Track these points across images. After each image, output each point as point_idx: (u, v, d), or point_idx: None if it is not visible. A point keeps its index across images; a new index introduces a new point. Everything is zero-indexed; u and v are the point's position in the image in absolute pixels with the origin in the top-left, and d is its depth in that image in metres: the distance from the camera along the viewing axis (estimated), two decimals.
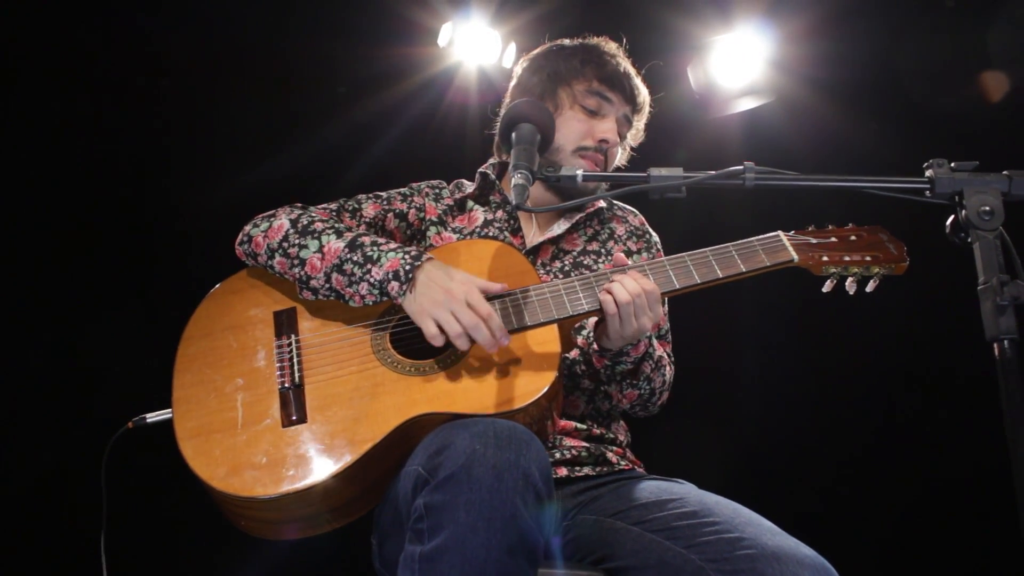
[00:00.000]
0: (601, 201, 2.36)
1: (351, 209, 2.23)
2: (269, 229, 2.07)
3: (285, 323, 2.04)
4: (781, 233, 2.03)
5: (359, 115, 4.20)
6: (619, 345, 1.99)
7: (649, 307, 1.90)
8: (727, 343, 4.30)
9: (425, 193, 2.33)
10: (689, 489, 1.97)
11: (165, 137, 4.03)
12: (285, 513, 1.85)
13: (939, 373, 4.02)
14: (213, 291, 2.15)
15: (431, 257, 1.94)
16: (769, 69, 4.19)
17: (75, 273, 3.86)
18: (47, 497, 3.68)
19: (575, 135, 2.24)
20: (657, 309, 1.93)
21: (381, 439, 1.82)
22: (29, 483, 3.66)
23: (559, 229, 2.28)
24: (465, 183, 2.40)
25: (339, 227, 2.03)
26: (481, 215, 2.30)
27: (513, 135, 1.85)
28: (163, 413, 2.00)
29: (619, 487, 2.04)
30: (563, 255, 2.27)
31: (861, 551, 4.05)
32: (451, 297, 1.85)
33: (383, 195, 2.29)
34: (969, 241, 1.52)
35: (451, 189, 2.38)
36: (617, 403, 2.20)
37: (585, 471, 2.08)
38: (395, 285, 1.90)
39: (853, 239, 2.03)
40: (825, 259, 1.98)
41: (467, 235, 2.25)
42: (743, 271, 1.96)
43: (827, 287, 2.00)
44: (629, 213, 2.45)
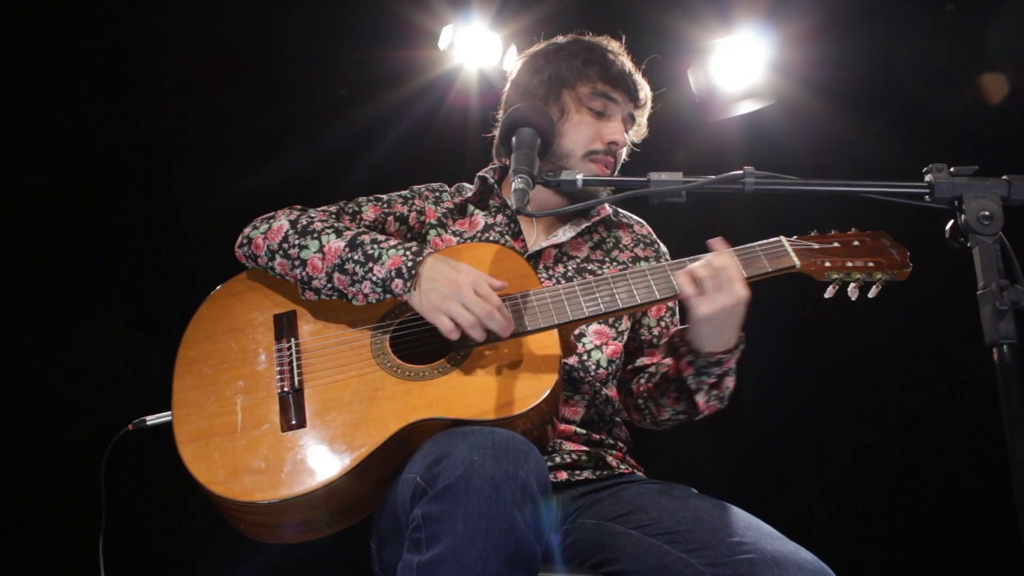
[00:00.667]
0: (607, 207, 2.34)
1: (351, 212, 2.22)
2: (269, 231, 2.07)
3: (285, 326, 2.04)
4: (783, 238, 2.01)
5: (360, 118, 4.20)
6: (710, 333, 1.93)
7: (730, 281, 1.88)
8: None
9: (425, 196, 2.31)
10: (689, 493, 1.96)
11: (166, 139, 4.03)
12: (284, 517, 1.84)
13: (939, 377, 4.01)
14: (213, 293, 2.14)
15: (432, 251, 1.93)
16: (769, 72, 4.19)
17: (76, 274, 3.86)
18: (47, 498, 3.69)
19: (584, 139, 2.21)
20: (735, 288, 1.88)
21: (380, 445, 1.81)
22: (29, 484, 3.66)
23: (564, 236, 2.25)
24: (466, 187, 2.38)
25: (338, 226, 2.03)
26: (482, 219, 2.28)
27: (513, 139, 1.84)
28: (163, 416, 2.00)
29: (619, 491, 2.03)
30: (567, 260, 2.25)
31: (861, 556, 4.05)
32: (459, 289, 1.85)
33: (383, 198, 2.28)
34: (968, 246, 1.51)
35: (452, 192, 2.36)
36: (671, 415, 2.14)
37: (585, 475, 2.08)
38: (399, 283, 1.90)
39: (856, 244, 2.01)
40: (827, 265, 1.97)
41: (468, 239, 2.24)
42: (744, 276, 1.94)
43: (829, 293, 1.99)
44: (635, 222, 2.41)
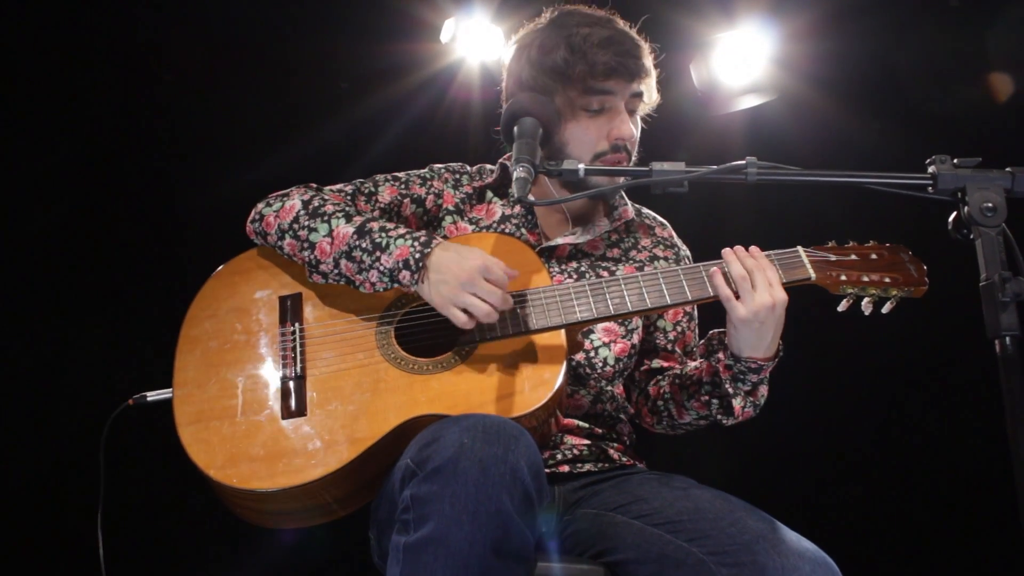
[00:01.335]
0: (630, 212, 2.27)
1: (367, 192, 2.17)
2: (281, 209, 2.04)
3: (290, 309, 2.01)
4: (800, 248, 1.97)
5: (361, 111, 4.19)
6: (749, 336, 1.92)
7: (767, 280, 1.88)
8: None
9: (445, 179, 2.24)
10: (690, 484, 1.96)
11: (167, 130, 4.03)
12: (280, 506, 1.85)
13: (941, 370, 4.01)
14: (219, 270, 2.11)
15: (440, 241, 1.91)
16: (772, 67, 4.17)
17: (82, 262, 3.88)
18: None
19: (588, 143, 2.10)
20: (775, 290, 1.88)
21: (380, 438, 1.81)
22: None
23: (582, 237, 2.19)
24: (487, 169, 2.30)
25: (349, 210, 2.00)
26: (499, 209, 2.23)
27: (515, 129, 1.84)
28: (164, 392, 1.99)
29: (620, 482, 2.04)
30: (581, 257, 2.21)
31: (863, 549, 4.04)
32: (470, 278, 1.83)
33: (401, 177, 2.22)
34: (971, 238, 1.51)
35: (473, 174, 2.28)
36: (717, 419, 2.12)
37: (587, 467, 2.08)
38: (406, 274, 1.88)
39: (874, 258, 1.98)
40: (843, 278, 1.94)
41: (483, 228, 2.19)
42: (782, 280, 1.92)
43: (843, 306, 1.97)
44: (657, 224, 2.36)
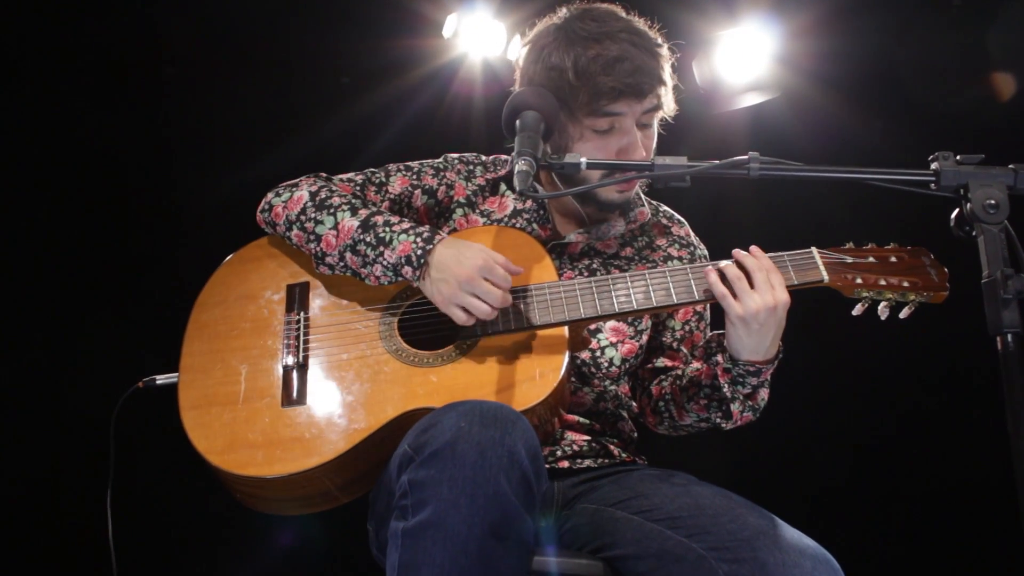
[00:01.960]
0: (647, 213, 2.23)
1: (377, 182, 2.15)
2: (290, 200, 2.05)
3: (297, 298, 2.03)
4: (815, 249, 1.93)
5: (363, 107, 4.19)
6: (747, 337, 1.89)
7: (769, 282, 1.84)
8: None
9: (458, 170, 2.21)
10: (690, 480, 1.96)
11: (168, 124, 4.03)
12: (278, 493, 1.86)
13: (943, 367, 4.01)
14: (231, 258, 2.13)
15: (443, 237, 1.91)
16: (774, 65, 4.17)
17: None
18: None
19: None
20: (776, 292, 1.84)
21: (376, 429, 1.82)
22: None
23: (595, 236, 2.16)
24: (502, 159, 2.27)
25: (355, 203, 2.00)
26: (511, 203, 2.20)
27: (517, 122, 1.83)
28: (172, 376, 2.01)
29: (619, 478, 2.03)
30: (594, 255, 2.18)
31: (865, 548, 4.04)
32: (470, 278, 1.83)
33: (414, 167, 2.20)
34: (974, 235, 1.51)
35: (488, 164, 2.25)
36: (695, 421, 2.12)
37: (586, 463, 2.08)
38: (408, 270, 1.89)
39: (893, 261, 1.92)
40: (859, 281, 1.89)
41: (495, 221, 2.18)
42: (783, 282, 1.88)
43: (857, 310, 1.91)
44: (674, 223, 2.31)
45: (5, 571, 3.69)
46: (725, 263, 1.91)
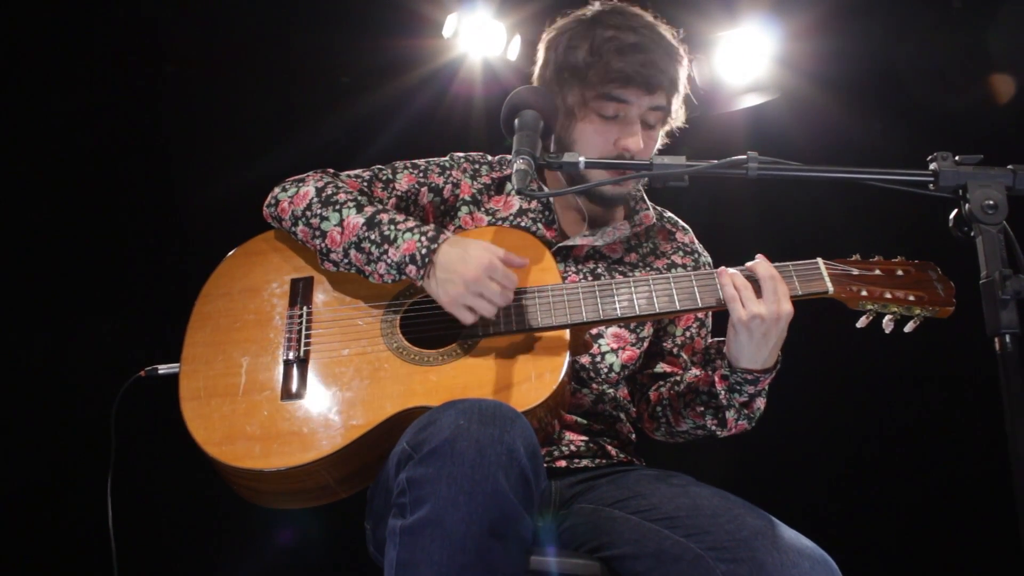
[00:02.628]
0: (652, 218, 2.24)
1: (384, 179, 2.15)
2: (296, 195, 2.05)
3: (300, 292, 2.04)
4: (820, 260, 1.92)
5: (363, 106, 4.19)
6: (747, 345, 1.89)
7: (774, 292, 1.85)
8: None
9: (464, 168, 2.22)
10: (688, 481, 1.96)
11: (167, 122, 4.04)
12: (274, 486, 1.86)
13: (940, 367, 4.00)
14: (236, 250, 2.14)
15: (447, 236, 1.90)
16: (774, 66, 4.18)
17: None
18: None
19: (595, 147, 2.04)
20: (781, 303, 1.85)
21: (374, 426, 1.82)
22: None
23: (601, 240, 2.16)
24: (508, 159, 2.22)
25: (361, 200, 2.00)
26: (516, 202, 2.20)
27: (516, 121, 1.83)
28: (175, 366, 2.01)
29: (617, 478, 2.03)
30: (599, 259, 2.18)
31: (864, 550, 4.04)
32: (475, 278, 1.83)
33: (420, 165, 2.20)
34: (972, 235, 1.50)
35: (494, 164, 2.26)
36: (691, 428, 2.13)
37: (584, 463, 2.08)
38: (412, 269, 1.89)
39: (899, 274, 1.91)
40: (864, 294, 1.88)
41: (499, 220, 2.18)
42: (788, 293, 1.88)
43: (862, 323, 1.91)
44: (679, 229, 2.32)
45: (5, 559, 3.70)
46: (734, 270, 1.91)
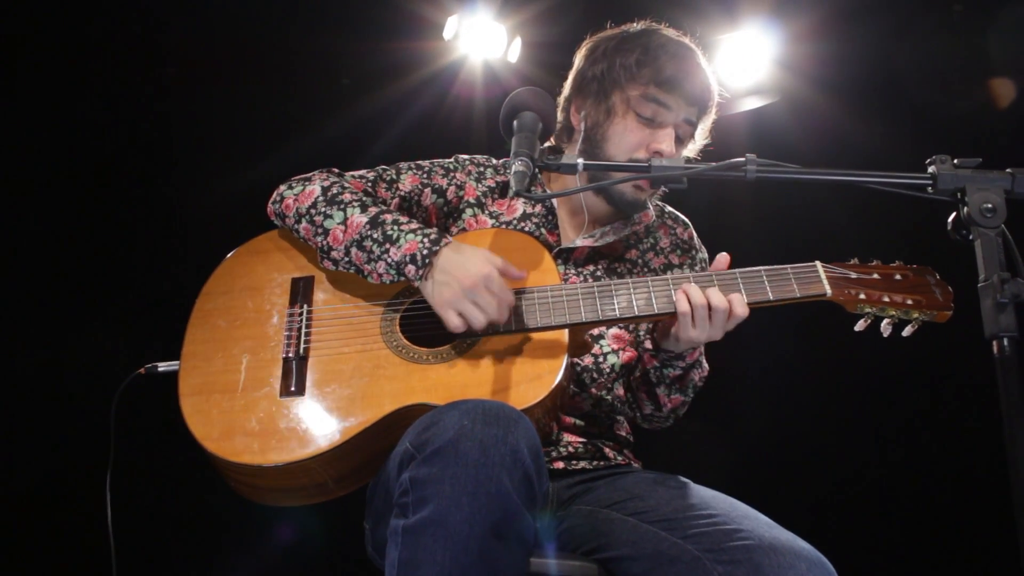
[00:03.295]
0: (652, 216, 2.25)
1: (388, 179, 2.16)
2: (301, 193, 2.05)
3: (301, 291, 2.05)
4: (819, 264, 1.93)
5: (363, 108, 4.20)
6: (681, 349, 1.97)
7: (724, 321, 1.90)
8: (728, 342, 4.29)
9: (468, 171, 2.24)
10: (686, 483, 1.96)
11: (169, 124, 4.05)
12: (272, 482, 1.87)
13: (939, 370, 4.00)
14: (239, 249, 2.16)
15: (449, 241, 1.91)
16: (775, 69, 4.18)
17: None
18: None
19: (628, 146, 2.08)
20: (726, 325, 1.91)
21: (372, 423, 1.83)
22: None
23: (601, 240, 2.18)
24: None
25: (366, 201, 2.01)
26: (520, 206, 2.22)
27: (515, 123, 1.83)
28: (174, 364, 2.02)
29: (615, 480, 2.04)
30: (598, 259, 2.20)
31: (862, 552, 4.04)
32: (472, 286, 1.84)
33: (425, 166, 2.22)
34: (971, 238, 1.51)
35: (499, 167, 2.27)
36: (652, 411, 2.16)
37: (582, 465, 2.08)
38: (412, 269, 1.89)
39: (898, 278, 1.92)
40: (862, 297, 1.89)
41: (503, 223, 2.19)
42: (770, 299, 1.90)
43: (860, 326, 1.92)
44: (680, 224, 2.34)
45: (5, 555, 3.70)
46: (694, 288, 1.91)
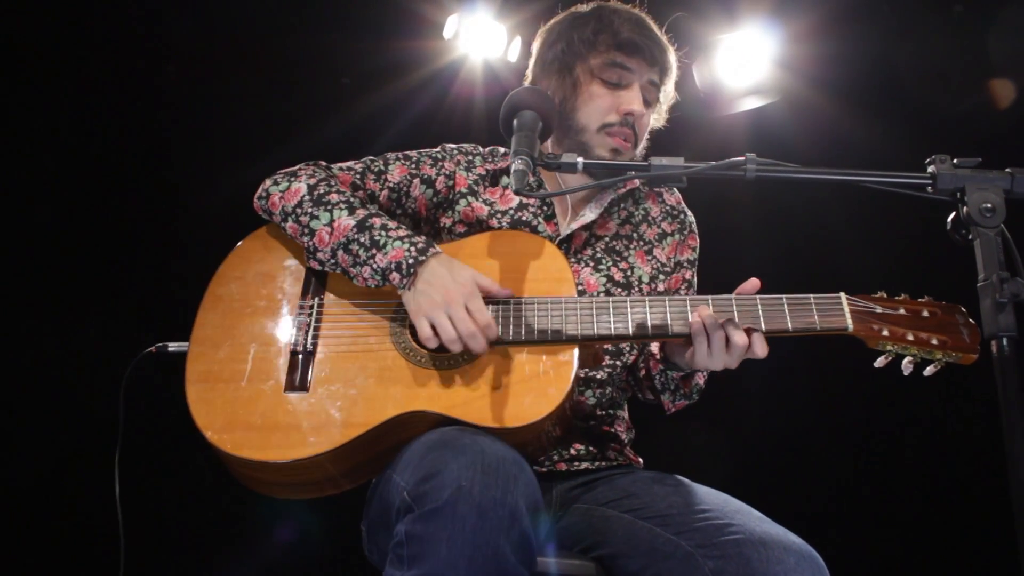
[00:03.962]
0: (637, 181, 2.26)
1: (376, 171, 2.15)
2: (287, 190, 2.03)
3: (314, 283, 2.02)
4: (843, 296, 1.86)
5: (363, 107, 4.20)
6: (688, 369, 1.97)
7: (742, 353, 1.85)
8: None
9: (457, 160, 2.22)
10: (682, 482, 1.97)
11: (169, 123, 4.05)
12: (271, 477, 1.86)
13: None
14: (255, 232, 2.12)
15: (438, 252, 1.89)
16: (774, 68, 4.18)
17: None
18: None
19: (598, 112, 2.14)
20: (732, 362, 1.87)
21: (373, 427, 1.81)
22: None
23: (591, 214, 2.18)
24: (500, 151, 2.28)
25: (353, 202, 1.98)
26: (515, 196, 2.19)
27: (515, 122, 1.83)
28: (184, 344, 1.99)
29: (613, 479, 2.04)
30: (595, 241, 2.19)
31: (860, 549, 4.04)
32: (450, 300, 1.81)
33: (412, 156, 2.20)
34: (970, 238, 1.50)
35: (485, 155, 2.26)
36: (655, 402, 2.19)
37: (584, 466, 2.08)
38: (396, 276, 1.87)
39: (925, 315, 1.84)
40: (885, 333, 1.81)
41: (498, 211, 2.17)
42: (788, 330, 1.83)
43: (880, 362, 1.84)
44: (666, 189, 2.35)
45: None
46: (709, 313, 1.86)
